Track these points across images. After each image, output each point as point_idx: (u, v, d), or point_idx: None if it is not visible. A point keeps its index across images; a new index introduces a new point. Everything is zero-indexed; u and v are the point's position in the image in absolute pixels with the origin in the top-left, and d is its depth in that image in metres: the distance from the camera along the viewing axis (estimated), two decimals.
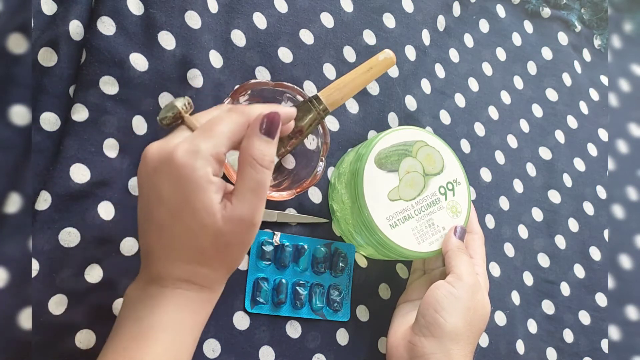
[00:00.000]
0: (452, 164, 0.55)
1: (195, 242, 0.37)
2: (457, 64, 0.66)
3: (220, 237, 0.36)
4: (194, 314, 0.39)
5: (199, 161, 0.35)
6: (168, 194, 0.36)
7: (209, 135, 0.36)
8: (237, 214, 0.36)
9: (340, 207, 0.54)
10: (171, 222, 0.36)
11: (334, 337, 0.54)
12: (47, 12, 0.48)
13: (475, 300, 0.48)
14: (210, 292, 0.40)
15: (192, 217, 0.36)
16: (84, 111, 0.47)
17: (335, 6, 0.60)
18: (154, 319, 0.37)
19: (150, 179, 0.37)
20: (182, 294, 0.38)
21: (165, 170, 0.36)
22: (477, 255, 0.52)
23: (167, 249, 0.38)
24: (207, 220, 0.36)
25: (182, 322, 0.38)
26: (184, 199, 0.35)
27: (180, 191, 0.35)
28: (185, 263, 0.38)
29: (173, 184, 0.35)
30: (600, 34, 0.77)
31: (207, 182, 0.35)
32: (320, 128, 0.51)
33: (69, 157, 0.46)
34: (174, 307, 0.38)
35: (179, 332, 0.38)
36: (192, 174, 0.35)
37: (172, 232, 0.37)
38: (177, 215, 0.36)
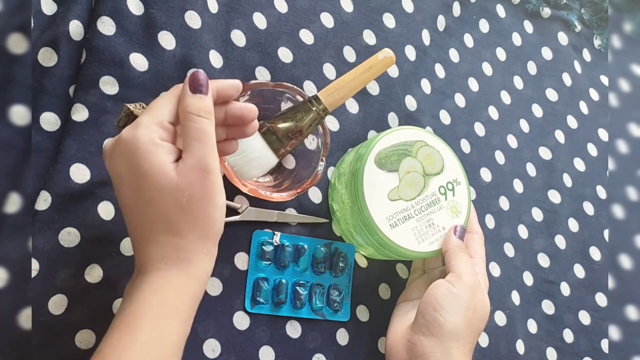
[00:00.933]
0: (452, 164, 0.55)
1: (158, 209, 0.37)
2: (457, 64, 0.66)
3: (179, 192, 0.36)
4: (175, 294, 0.37)
5: (141, 130, 0.36)
6: (125, 172, 0.37)
7: (148, 111, 0.38)
8: (188, 163, 0.37)
9: (340, 207, 0.54)
10: (136, 199, 0.37)
11: (334, 337, 0.54)
12: (47, 12, 0.48)
13: (475, 300, 0.48)
14: (189, 264, 0.38)
15: (149, 184, 0.36)
16: (84, 111, 0.47)
17: (335, 6, 0.60)
18: (134, 307, 0.37)
19: (110, 167, 0.38)
20: (159, 274, 0.37)
21: (116, 153, 0.37)
22: (477, 254, 0.52)
23: (143, 231, 0.38)
24: (162, 180, 0.36)
25: (163, 305, 0.37)
26: (137, 170, 0.36)
27: (132, 163, 0.36)
28: (159, 236, 0.37)
29: (125, 160, 0.37)
30: (600, 34, 0.77)
31: (153, 145, 0.36)
32: (320, 128, 0.51)
33: (69, 157, 0.46)
34: (152, 291, 0.37)
35: (160, 316, 0.37)
36: (137, 142, 0.36)
37: (139, 208, 0.37)
38: (138, 189, 0.37)
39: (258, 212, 0.52)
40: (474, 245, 0.53)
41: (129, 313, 0.37)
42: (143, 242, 0.38)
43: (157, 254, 0.38)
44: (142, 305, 0.37)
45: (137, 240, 0.39)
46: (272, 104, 0.52)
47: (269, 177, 0.53)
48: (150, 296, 0.37)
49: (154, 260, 0.38)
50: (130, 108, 0.40)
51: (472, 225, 0.54)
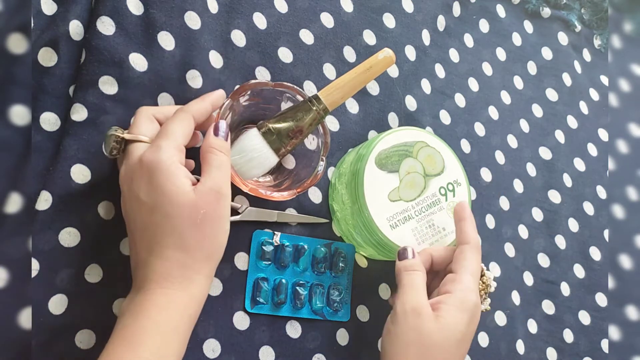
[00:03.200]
0: (453, 165, 0.55)
1: (172, 224, 0.39)
2: (457, 64, 0.66)
3: (195, 209, 0.40)
4: (177, 313, 0.39)
5: (163, 153, 0.40)
6: (145, 192, 0.40)
7: (165, 135, 0.41)
8: (208, 186, 0.41)
9: (341, 208, 0.54)
10: (151, 216, 0.40)
11: (334, 337, 0.54)
12: (47, 12, 0.48)
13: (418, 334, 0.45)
14: (191, 284, 0.40)
15: (169, 200, 0.39)
16: (83, 111, 0.47)
17: (335, 6, 0.60)
18: (137, 324, 0.38)
19: (129, 192, 0.41)
20: (162, 293, 0.39)
21: (138, 175, 0.40)
22: (466, 270, 0.47)
23: (151, 244, 0.40)
24: (181, 198, 0.39)
25: (165, 323, 0.38)
26: (159, 189, 0.39)
27: (154, 184, 0.40)
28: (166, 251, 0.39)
29: (147, 181, 0.40)
30: (600, 34, 0.77)
31: (175, 167, 0.40)
32: (320, 128, 0.51)
33: (69, 158, 0.46)
34: (155, 309, 0.38)
35: (162, 333, 0.38)
36: (160, 164, 0.40)
37: (153, 224, 0.40)
38: (155, 207, 0.39)
39: (258, 212, 0.52)
40: (462, 258, 0.48)
41: (132, 329, 0.38)
42: (149, 257, 0.40)
43: (162, 270, 0.39)
44: (145, 322, 0.38)
45: (142, 256, 0.40)
46: (272, 104, 0.52)
47: (269, 177, 0.53)
48: (153, 313, 0.38)
49: (158, 277, 0.39)
50: (119, 135, 0.43)
51: (464, 236, 0.50)
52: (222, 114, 0.48)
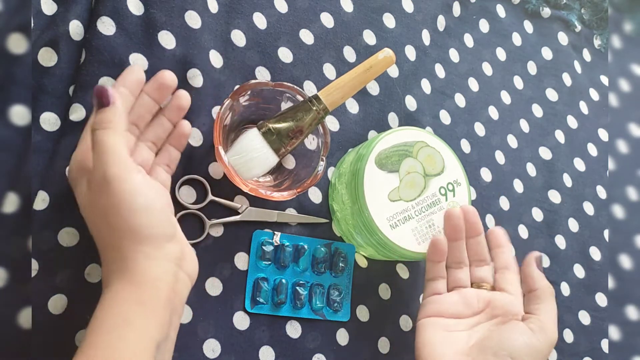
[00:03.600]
0: (453, 165, 0.55)
1: (93, 227, 0.41)
2: (457, 64, 0.66)
3: (96, 207, 0.40)
4: (122, 305, 0.37)
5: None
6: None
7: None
8: (95, 178, 0.39)
9: (341, 207, 0.53)
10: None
11: (334, 337, 0.54)
12: (47, 12, 0.48)
13: (548, 357, 0.45)
14: (129, 272, 0.38)
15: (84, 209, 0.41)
16: (81, 111, 0.47)
17: (335, 6, 0.60)
18: (88, 328, 0.37)
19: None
20: (107, 291, 0.38)
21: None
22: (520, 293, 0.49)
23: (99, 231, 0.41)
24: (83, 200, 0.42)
25: (110, 318, 0.37)
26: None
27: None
28: (103, 255, 0.40)
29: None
30: (600, 34, 0.77)
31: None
32: (320, 128, 0.51)
33: (67, 157, 0.46)
34: (100, 308, 0.38)
35: (110, 329, 0.36)
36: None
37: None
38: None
39: (258, 212, 0.52)
40: (516, 283, 0.49)
41: (86, 335, 0.37)
42: (101, 254, 0.41)
43: (105, 272, 0.40)
44: (92, 324, 0.37)
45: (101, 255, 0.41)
46: (272, 104, 0.52)
47: (269, 177, 0.53)
48: (98, 313, 0.38)
49: (105, 282, 0.39)
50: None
51: (509, 261, 0.51)
52: (222, 114, 0.48)
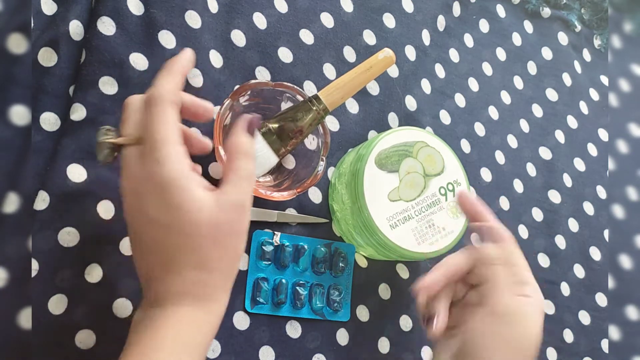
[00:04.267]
0: (453, 165, 0.55)
1: (191, 242, 0.36)
2: (457, 64, 0.66)
3: (218, 227, 0.36)
4: (193, 330, 0.37)
5: (170, 165, 0.35)
6: (156, 210, 0.36)
7: (155, 142, 0.36)
8: (232, 199, 0.37)
9: (341, 207, 0.54)
10: (165, 235, 0.36)
11: (334, 337, 0.54)
12: (47, 12, 0.48)
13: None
14: (212, 302, 0.38)
15: (187, 218, 0.35)
16: (82, 110, 0.47)
17: (335, 6, 0.60)
18: (154, 340, 0.36)
19: (136, 208, 0.37)
20: (181, 311, 0.37)
21: (145, 190, 0.36)
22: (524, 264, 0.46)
23: (167, 263, 0.37)
24: (201, 215, 0.36)
25: (179, 340, 0.36)
26: (173, 207, 0.35)
27: (167, 201, 0.35)
28: (185, 271, 0.37)
29: (157, 198, 0.36)
30: (600, 34, 0.77)
31: (187, 180, 0.36)
32: (320, 128, 0.51)
33: (67, 157, 0.46)
34: (173, 326, 0.36)
35: (176, 351, 0.36)
36: (170, 180, 0.35)
37: (168, 243, 0.36)
38: (171, 225, 0.36)
39: (258, 212, 0.52)
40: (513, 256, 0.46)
41: (144, 346, 0.36)
42: (168, 274, 0.37)
43: (179, 288, 0.37)
44: (158, 340, 0.36)
45: (156, 272, 0.38)
46: (272, 104, 0.52)
47: (269, 177, 0.53)
48: (168, 331, 0.36)
49: (175, 295, 0.37)
50: (112, 142, 0.38)
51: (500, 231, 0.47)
52: (222, 114, 0.48)
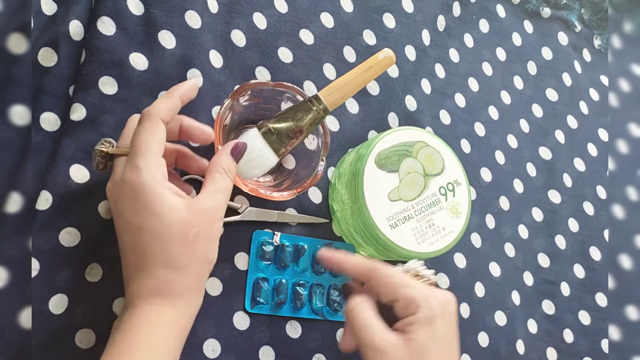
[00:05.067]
0: (453, 165, 0.55)
1: (163, 242, 0.38)
2: (457, 64, 0.66)
3: (188, 227, 0.39)
4: (166, 328, 0.39)
5: (144, 174, 0.39)
6: (130, 213, 0.39)
7: (139, 152, 0.39)
8: (205, 205, 0.40)
9: (341, 207, 0.54)
10: (139, 235, 0.39)
11: (334, 337, 0.54)
12: (47, 12, 0.48)
13: None
14: (182, 302, 0.39)
15: (158, 219, 0.38)
16: (81, 110, 0.47)
17: (335, 6, 0.60)
18: (125, 339, 0.37)
19: (115, 211, 0.40)
20: (151, 308, 0.38)
21: (122, 194, 0.39)
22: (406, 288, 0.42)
23: (139, 263, 0.39)
24: (173, 216, 0.38)
25: (154, 338, 0.38)
26: (146, 210, 0.38)
27: (140, 204, 0.38)
28: (156, 270, 0.39)
29: (131, 202, 0.39)
30: (600, 34, 0.77)
31: (160, 187, 0.39)
32: (320, 128, 0.51)
33: (68, 157, 0.46)
34: (144, 324, 0.38)
35: (151, 348, 0.37)
36: (143, 185, 0.38)
37: (141, 243, 0.39)
38: (142, 227, 0.39)
39: (258, 212, 0.52)
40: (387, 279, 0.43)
41: (121, 345, 0.37)
42: (138, 275, 0.39)
43: (151, 287, 0.39)
44: (134, 338, 0.37)
45: (131, 274, 0.40)
46: (272, 104, 0.52)
47: (269, 177, 0.53)
48: (142, 329, 0.38)
49: (147, 294, 0.39)
50: (104, 150, 0.42)
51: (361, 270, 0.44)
52: (222, 114, 0.48)
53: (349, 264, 0.45)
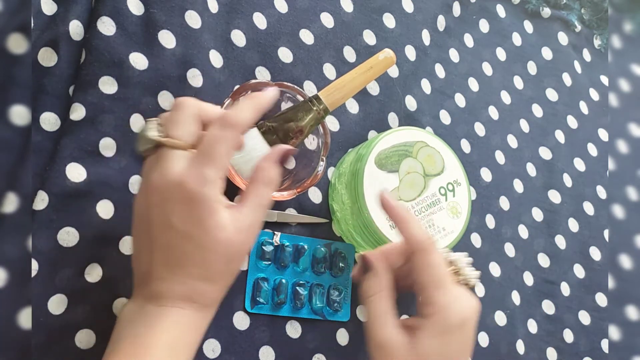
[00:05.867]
0: (453, 165, 0.55)
1: (206, 257, 0.38)
2: (457, 64, 0.66)
3: (231, 247, 0.38)
4: (190, 333, 0.39)
5: (209, 187, 0.37)
6: (180, 219, 0.37)
7: (211, 160, 0.37)
8: (248, 222, 0.39)
9: (341, 208, 0.54)
10: (181, 243, 0.37)
11: (334, 337, 0.54)
12: (47, 12, 0.48)
13: None
14: (207, 310, 0.40)
15: (206, 235, 0.37)
16: (81, 110, 0.47)
17: (335, 6, 0.60)
18: (150, 337, 0.37)
19: (159, 207, 0.38)
20: (179, 312, 0.38)
21: (175, 199, 0.37)
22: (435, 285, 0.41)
23: (174, 267, 0.38)
24: (220, 235, 0.37)
25: (179, 341, 0.38)
26: (197, 221, 0.37)
27: (193, 215, 0.37)
28: (191, 280, 0.38)
29: (185, 209, 0.37)
30: (600, 34, 0.77)
31: (218, 203, 0.37)
32: (320, 128, 0.51)
33: (66, 157, 0.46)
34: (171, 325, 0.38)
35: (174, 350, 0.37)
36: (204, 199, 0.37)
37: (182, 251, 0.37)
38: (190, 237, 0.37)
39: None
40: (424, 268, 0.41)
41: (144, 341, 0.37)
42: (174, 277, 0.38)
43: (182, 293, 0.38)
44: (161, 337, 0.37)
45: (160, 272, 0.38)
46: None
47: None
48: (170, 331, 0.37)
49: (177, 298, 0.38)
50: (155, 139, 0.38)
51: (414, 240, 0.42)
52: None
53: (407, 229, 0.42)
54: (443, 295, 0.40)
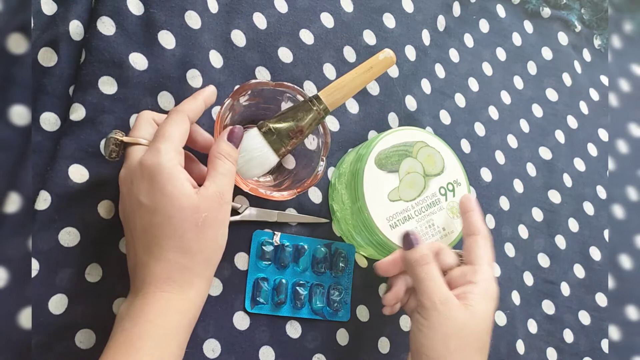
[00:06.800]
0: (453, 165, 0.55)
1: (174, 225, 0.39)
2: (457, 64, 0.66)
3: (197, 212, 0.40)
4: (177, 317, 0.39)
5: (163, 156, 0.40)
6: (145, 194, 0.40)
7: (162, 137, 0.41)
8: (211, 190, 0.41)
9: (341, 208, 0.54)
10: (151, 217, 0.40)
11: (334, 337, 0.54)
12: (47, 12, 0.48)
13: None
14: (191, 287, 0.40)
15: (170, 202, 0.39)
16: (81, 110, 0.47)
17: (335, 6, 0.60)
18: (137, 330, 0.38)
19: (129, 194, 0.41)
20: (162, 296, 0.39)
21: (138, 178, 0.40)
22: (483, 261, 0.47)
23: (150, 247, 0.40)
24: (184, 201, 0.39)
25: (165, 327, 0.38)
26: (160, 191, 0.39)
27: (155, 186, 0.40)
28: (167, 254, 0.39)
29: (147, 183, 0.40)
30: (600, 34, 0.77)
31: (177, 170, 0.40)
32: (320, 128, 0.51)
33: (67, 157, 0.46)
34: (155, 313, 0.38)
35: (162, 337, 0.38)
36: (161, 167, 0.40)
37: (153, 226, 0.40)
38: (157, 208, 0.39)
39: (258, 212, 0.52)
40: (476, 247, 0.48)
41: (130, 333, 0.38)
42: (147, 260, 0.40)
43: (161, 272, 0.39)
44: (144, 327, 0.38)
45: (140, 259, 0.40)
46: (272, 104, 0.52)
47: (269, 177, 0.53)
48: (152, 317, 0.38)
49: (157, 280, 0.39)
50: (118, 138, 0.43)
51: (474, 227, 0.49)
52: (223, 114, 0.48)
53: (471, 217, 0.51)
54: (489, 272, 0.47)
